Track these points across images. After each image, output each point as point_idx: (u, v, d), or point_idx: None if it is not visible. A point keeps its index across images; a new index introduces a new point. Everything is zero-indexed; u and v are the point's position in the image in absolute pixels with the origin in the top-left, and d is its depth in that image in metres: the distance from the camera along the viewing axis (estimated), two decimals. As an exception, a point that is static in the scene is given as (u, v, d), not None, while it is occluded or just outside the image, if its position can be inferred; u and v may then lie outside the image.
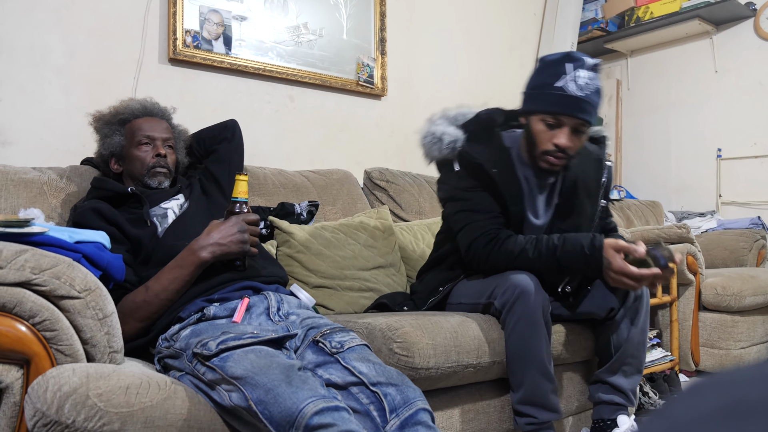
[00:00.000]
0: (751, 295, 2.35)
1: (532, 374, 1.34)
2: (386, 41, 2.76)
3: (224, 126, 1.73)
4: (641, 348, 1.55)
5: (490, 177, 1.45)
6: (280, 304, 1.23)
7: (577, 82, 1.36)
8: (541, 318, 1.34)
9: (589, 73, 1.38)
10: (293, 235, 1.78)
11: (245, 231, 1.25)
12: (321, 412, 0.85)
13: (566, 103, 1.37)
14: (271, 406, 0.87)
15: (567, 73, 1.37)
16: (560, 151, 1.41)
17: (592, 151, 1.60)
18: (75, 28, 1.98)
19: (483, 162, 1.45)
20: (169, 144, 1.55)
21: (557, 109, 1.38)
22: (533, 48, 3.60)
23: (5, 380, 0.86)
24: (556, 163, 1.43)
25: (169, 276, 1.20)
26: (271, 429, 0.87)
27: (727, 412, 0.22)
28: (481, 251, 1.42)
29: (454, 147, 1.48)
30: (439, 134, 1.49)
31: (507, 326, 1.37)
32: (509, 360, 1.37)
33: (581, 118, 1.38)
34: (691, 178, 3.57)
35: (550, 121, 1.40)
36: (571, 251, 1.34)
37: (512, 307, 1.35)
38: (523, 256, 1.38)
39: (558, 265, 1.36)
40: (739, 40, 3.39)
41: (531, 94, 1.46)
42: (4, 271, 0.86)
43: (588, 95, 1.37)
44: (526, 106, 1.48)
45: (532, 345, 1.34)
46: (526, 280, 1.35)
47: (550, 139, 1.41)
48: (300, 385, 0.89)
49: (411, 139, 2.92)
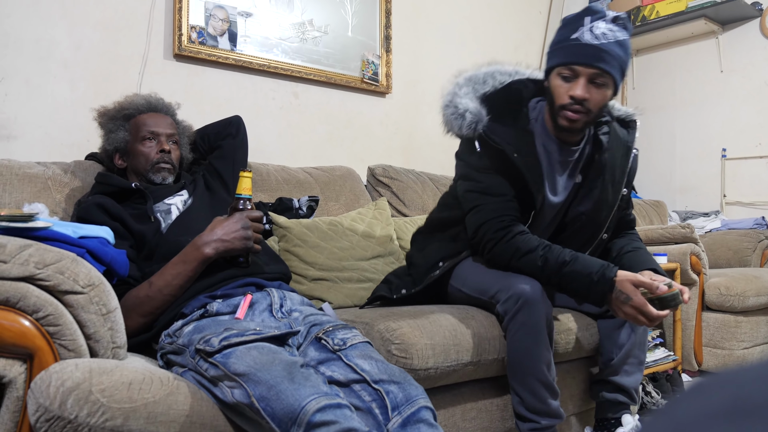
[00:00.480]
0: (755, 295, 2.35)
1: (532, 382, 1.32)
2: (391, 38, 2.76)
3: (229, 122, 1.73)
4: (642, 347, 1.55)
5: (511, 161, 1.39)
6: (283, 301, 1.23)
7: (594, 32, 1.32)
8: (545, 329, 1.32)
9: (610, 24, 1.33)
10: (290, 229, 1.78)
11: (248, 228, 1.25)
12: (323, 409, 0.85)
13: (580, 51, 1.33)
14: (274, 402, 0.87)
15: (584, 25, 1.34)
16: (577, 103, 1.35)
17: (621, 136, 1.52)
18: (81, 21, 1.98)
19: (505, 147, 1.40)
20: (173, 140, 1.55)
21: (571, 59, 1.34)
22: (538, 47, 3.59)
23: (8, 375, 0.86)
24: (574, 118, 1.37)
25: (172, 271, 1.20)
26: (273, 426, 0.87)
27: (730, 412, 0.22)
28: (491, 237, 1.38)
29: (476, 127, 1.42)
30: (462, 110, 1.43)
31: (509, 333, 1.35)
32: (510, 365, 1.36)
33: (597, 67, 1.33)
34: (696, 177, 3.55)
35: (566, 74, 1.36)
36: (579, 273, 1.29)
37: (515, 315, 1.32)
38: (529, 258, 1.34)
39: (559, 280, 1.32)
40: (745, 40, 3.37)
41: (550, 52, 1.42)
42: (8, 266, 0.86)
43: (604, 44, 1.31)
44: (546, 65, 1.43)
45: (533, 354, 1.31)
46: (531, 289, 1.31)
47: (567, 92, 1.36)
48: (302, 382, 0.89)
49: (415, 136, 2.93)
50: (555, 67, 1.38)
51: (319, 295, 1.68)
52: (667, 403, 0.25)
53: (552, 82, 1.40)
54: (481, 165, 1.44)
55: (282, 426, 0.86)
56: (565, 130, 1.41)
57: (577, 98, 1.35)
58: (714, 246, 3.01)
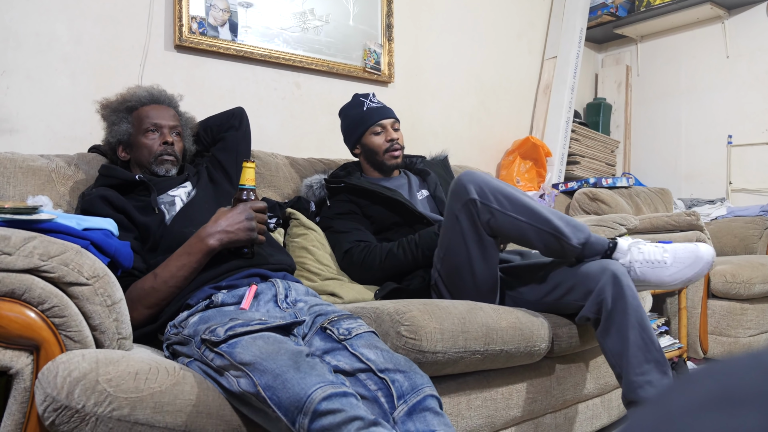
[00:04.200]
0: (761, 282, 2.34)
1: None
2: (393, 27, 2.74)
3: (231, 114, 1.73)
4: (648, 347, 1.36)
5: (358, 193, 1.81)
6: (288, 291, 1.23)
7: (373, 101, 1.90)
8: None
9: (374, 99, 1.92)
10: (312, 230, 1.81)
11: (252, 218, 1.25)
12: (329, 397, 0.85)
13: (377, 113, 1.87)
14: (280, 391, 0.88)
15: (365, 101, 1.90)
16: (396, 142, 1.86)
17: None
18: (81, 14, 1.97)
19: (345, 179, 1.84)
20: (176, 131, 1.55)
21: (375, 118, 1.87)
22: (541, 34, 3.56)
23: (15, 366, 0.86)
24: (398, 153, 1.88)
25: (176, 263, 1.20)
26: (280, 414, 0.87)
27: (720, 401, 0.22)
28: (357, 256, 1.70)
29: (321, 183, 1.88)
30: (309, 183, 1.90)
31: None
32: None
33: (392, 117, 1.89)
34: (702, 165, 3.53)
35: (377, 130, 1.87)
36: (427, 236, 1.63)
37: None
38: (391, 254, 1.66)
39: (421, 253, 1.62)
40: (752, 24, 3.34)
41: (351, 130, 1.92)
42: (12, 258, 0.86)
43: (383, 106, 1.90)
44: (354, 137, 1.91)
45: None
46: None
47: (384, 139, 1.86)
48: (308, 370, 0.89)
49: (417, 126, 2.92)
50: (366, 131, 1.88)
51: (331, 291, 1.69)
52: (657, 392, 0.25)
53: (369, 141, 1.88)
54: (336, 212, 1.86)
55: (288, 415, 0.86)
56: (392, 168, 1.91)
57: (394, 138, 1.86)
58: (720, 233, 3.00)
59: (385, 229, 1.82)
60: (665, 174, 3.67)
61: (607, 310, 1.37)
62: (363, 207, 1.83)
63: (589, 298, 1.40)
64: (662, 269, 1.41)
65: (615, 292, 1.36)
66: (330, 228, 1.81)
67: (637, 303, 1.36)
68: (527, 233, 1.41)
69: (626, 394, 1.36)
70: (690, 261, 1.40)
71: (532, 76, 3.52)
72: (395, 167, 1.90)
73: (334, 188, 1.86)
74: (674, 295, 2.35)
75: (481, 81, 3.23)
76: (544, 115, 3.41)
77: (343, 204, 1.83)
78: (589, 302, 1.40)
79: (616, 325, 1.36)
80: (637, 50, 3.84)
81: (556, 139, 3.31)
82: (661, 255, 1.42)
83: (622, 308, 1.35)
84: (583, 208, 3.02)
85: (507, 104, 3.37)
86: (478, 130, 3.21)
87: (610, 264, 1.41)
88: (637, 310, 1.35)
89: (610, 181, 3.20)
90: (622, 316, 1.35)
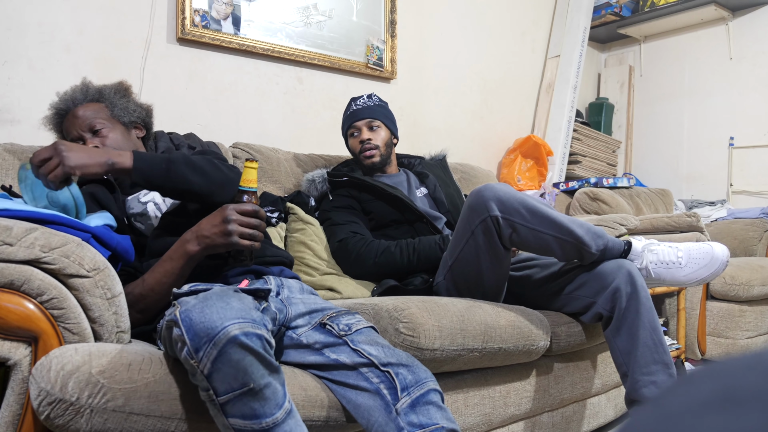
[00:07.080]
0: (760, 284, 2.34)
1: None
2: (396, 23, 2.73)
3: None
4: (657, 348, 1.36)
5: (360, 187, 1.84)
6: (280, 288, 1.20)
7: (356, 104, 1.95)
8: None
9: (367, 99, 1.96)
10: (311, 224, 1.81)
11: (232, 222, 1.11)
12: (247, 335, 0.80)
13: (354, 115, 1.93)
14: (195, 314, 0.82)
15: (351, 104, 1.97)
16: (367, 142, 1.89)
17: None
18: (84, 4, 1.96)
19: (348, 173, 1.87)
20: (96, 129, 1.37)
21: (349, 122, 1.95)
22: (545, 33, 3.56)
23: (13, 357, 0.86)
24: (370, 153, 1.89)
25: (161, 270, 1.15)
26: (186, 338, 0.81)
27: (720, 401, 0.22)
28: (352, 246, 1.72)
29: (323, 177, 1.90)
30: (311, 177, 1.92)
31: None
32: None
33: (366, 117, 1.92)
34: (703, 166, 3.53)
35: (353, 132, 1.94)
36: (426, 243, 1.67)
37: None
38: (388, 252, 1.68)
39: (417, 257, 1.66)
40: (756, 27, 3.33)
41: (342, 134, 2.01)
42: (13, 249, 0.86)
43: (363, 107, 1.93)
44: (345, 140, 2.00)
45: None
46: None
47: (358, 140, 1.92)
48: (233, 303, 0.84)
49: (420, 122, 2.91)
50: (346, 134, 1.98)
51: (329, 285, 1.69)
52: (657, 393, 0.25)
53: (350, 144, 1.97)
54: (336, 205, 1.90)
55: (195, 340, 0.80)
56: (371, 169, 1.93)
57: (365, 139, 1.90)
58: (720, 235, 3.00)
59: (384, 226, 1.82)
60: (666, 175, 3.67)
61: (621, 308, 1.38)
62: (364, 202, 1.84)
63: (603, 294, 1.41)
64: (677, 270, 1.42)
65: (630, 291, 1.38)
66: (328, 219, 1.83)
67: (650, 304, 1.38)
68: (550, 244, 1.40)
69: (629, 393, 1.37)
70: (705, 261, 1.40)
71: (535, 74, 3.51)
72: (373, 167, 1.92)
73: (336, 182, 1.88)
74: (673, 296, 2.36)
75: (483, 79, 3.22)
76: (546, 114, 3.41)
77: (344, 198, 1.85)
78: (603, 299, 1.41)
79: (628, 324, 1.37)
80: (640, 50, 3.83)
81: (557, 138, 3.30)
82: (675, 255, 1.42)
83: (636, 308, 1.36)
84: (584, 208, 3.02)
85: (509, 102, 3.36)
86: (480, 127, 3.21)
87: (626, 263, 1.42)
88: (650, 311, 1.37)
89: (611, 181, 3.20)
90: (635, 315, 1.36)
